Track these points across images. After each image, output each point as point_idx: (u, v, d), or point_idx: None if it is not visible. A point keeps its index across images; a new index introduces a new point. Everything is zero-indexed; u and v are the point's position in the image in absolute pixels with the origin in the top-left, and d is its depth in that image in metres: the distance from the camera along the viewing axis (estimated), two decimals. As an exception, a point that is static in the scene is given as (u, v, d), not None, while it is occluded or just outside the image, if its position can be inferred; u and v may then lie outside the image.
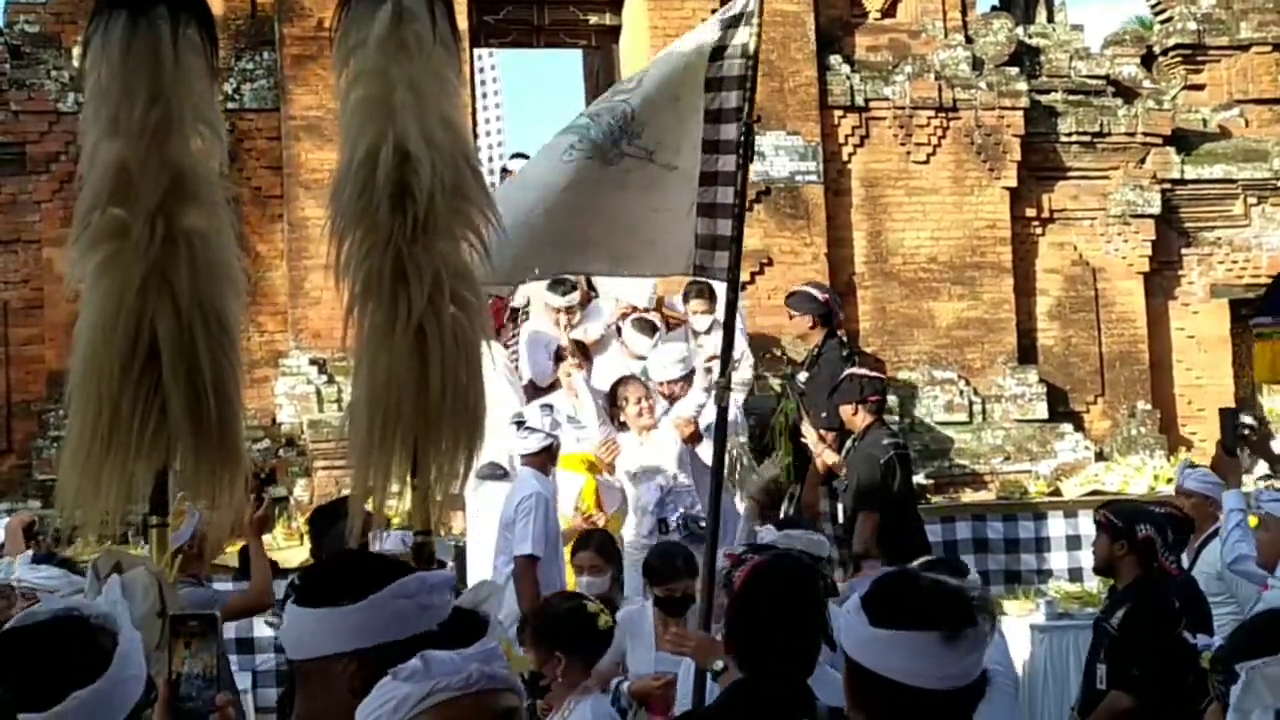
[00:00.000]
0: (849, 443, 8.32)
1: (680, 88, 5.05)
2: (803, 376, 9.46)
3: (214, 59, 3.57)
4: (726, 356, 5.17)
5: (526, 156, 11.35)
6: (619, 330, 9.15)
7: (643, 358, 8.81)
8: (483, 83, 14.83)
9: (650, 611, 5.41)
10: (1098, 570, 5.91)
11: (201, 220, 3.50)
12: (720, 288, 8.99)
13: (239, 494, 3.60)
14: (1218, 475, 6.37)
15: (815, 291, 9.51)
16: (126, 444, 3.39)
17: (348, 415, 3.62)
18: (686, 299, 9.31)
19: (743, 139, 5.00)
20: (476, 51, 12.95)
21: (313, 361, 10.53)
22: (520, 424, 7.48)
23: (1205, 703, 2.73)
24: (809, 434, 8.73)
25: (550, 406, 7.95)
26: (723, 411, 5.22)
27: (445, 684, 2.00)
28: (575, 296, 8.94)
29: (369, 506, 3.62)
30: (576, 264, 6.01)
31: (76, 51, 10.55)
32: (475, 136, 11.86)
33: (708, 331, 9.02)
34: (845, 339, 10.11)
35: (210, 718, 2.38)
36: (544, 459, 7.42)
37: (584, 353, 8.58)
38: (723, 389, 5.11)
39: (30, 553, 6.52)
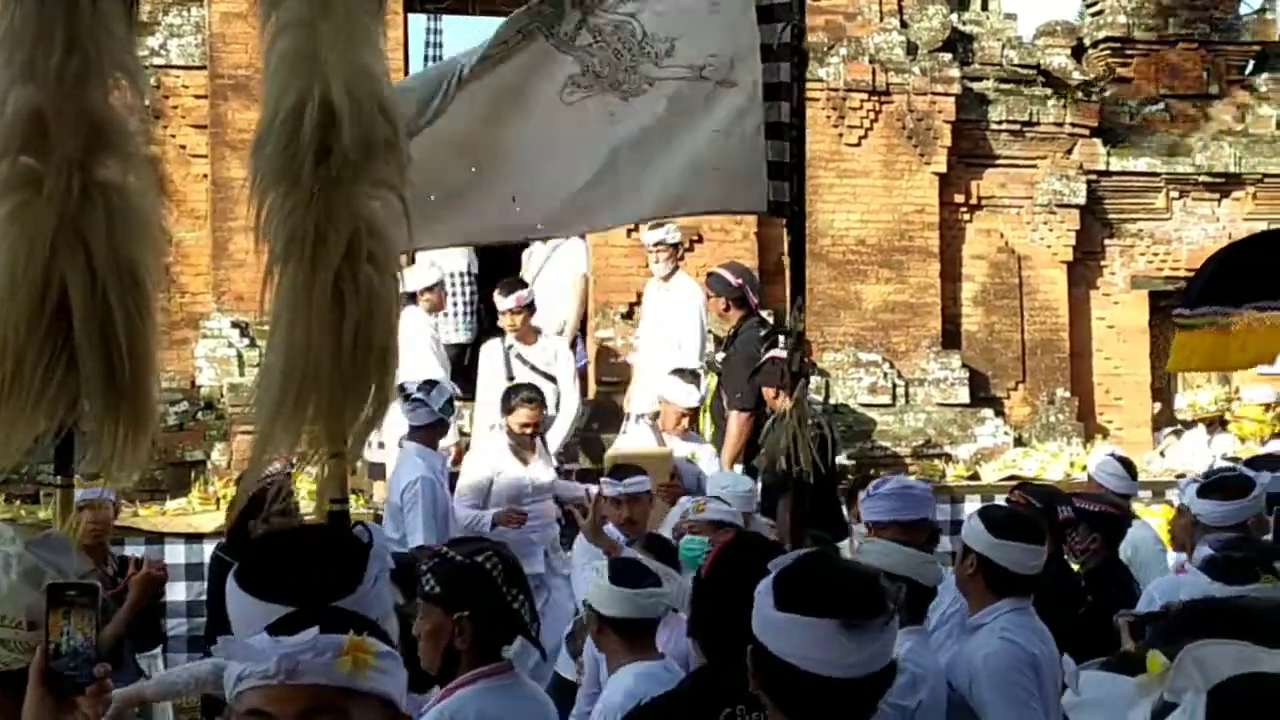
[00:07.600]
0: (768, 424, 8.32)
1: None
2: (720, 356, 9.46)
3: (134, 4, 3.46)
4: (798, 295, 4.55)
5: None
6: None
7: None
8: (427, 45, 14.55)
9: None
10: None
11: (120, 174, 3.40)
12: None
13: (143, 455, 3.50)
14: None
15: (728, 275, 9.48)
16: (25, 398, 3.29)
17: (260, 375, 3.51)
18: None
19: (795, 41, 4.39)
20: (416, 16, 12.75)
21: (234, 324, 10.37)
22: (406, 396, 7.18)
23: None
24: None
25: (434, 383, 7.64)
26: (798, 374, 4.60)
27: (249, 670, 1.93)
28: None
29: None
30: (628, 213, 5.06)
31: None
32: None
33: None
34: (765, 319, 10.11)
35: (88, 690, 2.29)
36: (431, 434, 7.32)
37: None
38: (798, 336, 4.57)
39: None
